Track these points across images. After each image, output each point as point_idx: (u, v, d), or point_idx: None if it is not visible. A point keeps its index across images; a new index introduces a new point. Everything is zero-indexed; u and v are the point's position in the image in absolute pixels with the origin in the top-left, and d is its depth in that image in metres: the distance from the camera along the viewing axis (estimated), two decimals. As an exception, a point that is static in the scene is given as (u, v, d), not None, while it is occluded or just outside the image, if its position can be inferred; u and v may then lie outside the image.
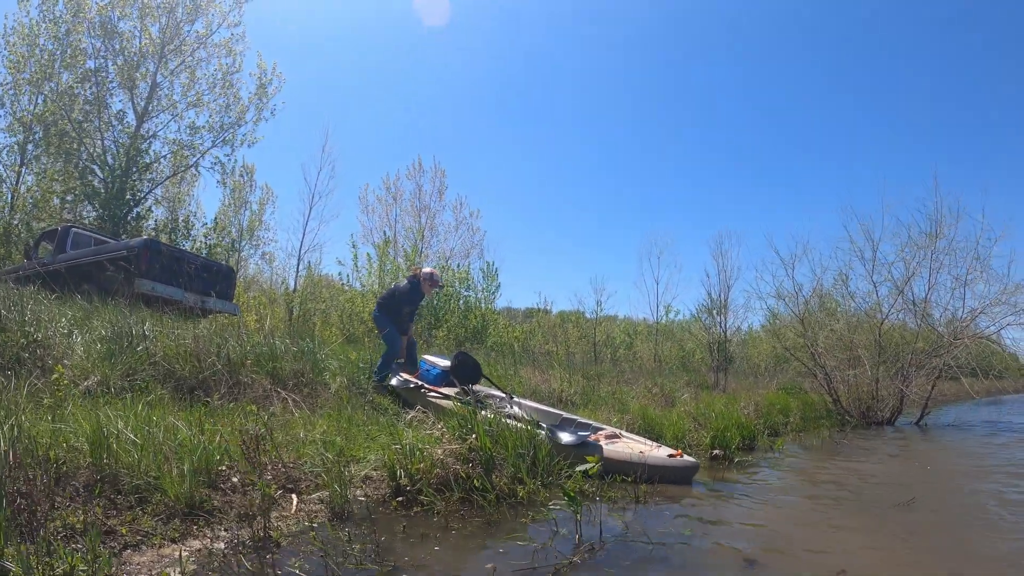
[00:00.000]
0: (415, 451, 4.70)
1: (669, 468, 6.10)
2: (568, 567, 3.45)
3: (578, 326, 27.97)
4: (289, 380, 6.95)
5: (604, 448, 6.20)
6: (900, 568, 3.87)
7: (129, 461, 3.85)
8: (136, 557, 3.10)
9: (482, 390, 8.00)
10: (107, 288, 10.27)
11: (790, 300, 16.36)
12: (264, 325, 12.48)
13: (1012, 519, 5.15)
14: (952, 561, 4.03)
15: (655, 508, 5.09)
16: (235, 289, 13.48)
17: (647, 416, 8.36)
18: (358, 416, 6.24)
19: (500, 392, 7.91)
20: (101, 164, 19.24)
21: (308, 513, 4.00)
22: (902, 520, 5.02)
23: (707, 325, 23.65)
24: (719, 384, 16.63)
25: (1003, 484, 6.80)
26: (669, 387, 12.90)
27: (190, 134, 20.90)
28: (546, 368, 11.92)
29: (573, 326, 28.10)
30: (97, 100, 19.21)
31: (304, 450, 4.87)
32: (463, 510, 4.47)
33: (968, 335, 14.08)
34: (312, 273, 23.62)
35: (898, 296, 15.09)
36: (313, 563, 3.18)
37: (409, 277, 8.68)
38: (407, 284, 8.53)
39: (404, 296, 8.45)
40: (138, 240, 11.38)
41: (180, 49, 20.38)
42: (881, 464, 8.36)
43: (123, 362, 6.15)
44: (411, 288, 8.46)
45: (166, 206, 23.36)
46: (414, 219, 26.06)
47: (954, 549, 4.34)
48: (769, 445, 9.17)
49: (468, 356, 8.22)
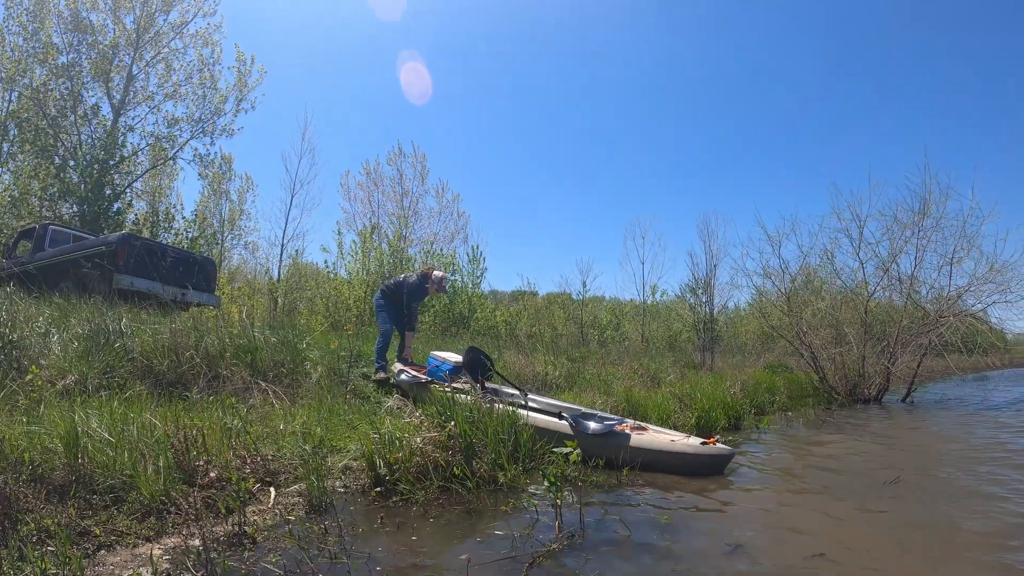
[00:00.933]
0: (394, 440, 4.65)
1: (702, 457, 5.88)
2: (546, 555, 3.42)
3: (564, 308, 27.93)
4: (269, 371, 6.89)
5: (633, 438, 6.01)
6: (883, 548, 3.86)
7: (103, 460, 3.81)
8: (110, 557, 3.06)
9: (494, 387, 7.77)
10: (86, 285, 10.18)
11: (776, 278, 16.36)
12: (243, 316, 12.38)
13: (997, 497, 5.16)
14: (935, 540, 4.03)
15: (638, 493, 5.07)
16: (216, 280, 13.36)
17: (631, 398, 8.32)
18: (339, 406, 6.20)
19: (513, 388, 7.67)
20: (78, 160, 19.03)
21: (286, 506, 3.97)
22: (887, 499, 5.03)
23: (692, 305, 23.68)
24: (706, 363, 16.63)
25: (988, 462, 6.82)
26: (655, 368, 12.88)
27: (168, 126, 20.73)
28: (530, 352, 11.86)
29: (559, 308, 28.05)
30: (72, 95, 19.00)
31: (283, 442, 4.82)
32: (443, 498, 4.44)
33: (954, 313, 14.11)
34: (297, 262, 23.53)
35: (884, 274, 15.12)
36: (289, 557, 3.14)
37: (421, 273, 8.67)
38: (417, 279, 8.54)
39: (410, 290, 8.44)
40: (115, 235, 11.24)
41: (155, 40, 20.18)
42: (867, 442, 8.36)
43: (100, 360, 6.08)
44: (419, 284, 8.47)
45: (146, 200, 23.16)
46: (396, 204, 26.02)
47: (938, 528, 4.33)
48: (755, 424, 9.19)
49: (479, 351, 7.95)
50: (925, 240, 14.54)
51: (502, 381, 8.02)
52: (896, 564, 3.59)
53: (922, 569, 3.52)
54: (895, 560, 3.66)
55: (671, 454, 5.83)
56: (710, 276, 21.92)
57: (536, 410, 6.63)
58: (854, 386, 14.63)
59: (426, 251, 21.99)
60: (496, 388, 7.61)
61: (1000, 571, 3.47)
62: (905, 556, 3.73)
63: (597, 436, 5.92)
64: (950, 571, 3.49)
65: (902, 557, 3.71)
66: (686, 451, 5.84)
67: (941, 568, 3.55)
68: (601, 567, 3.31)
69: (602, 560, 3.43)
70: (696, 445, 5.91)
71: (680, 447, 5.87)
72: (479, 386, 7.26)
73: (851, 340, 14.61)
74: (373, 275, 19.17)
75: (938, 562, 3.64)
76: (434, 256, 21.46)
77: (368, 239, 20.40)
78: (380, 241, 20.83)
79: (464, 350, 7.90)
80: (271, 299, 20.72)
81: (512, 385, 7.76)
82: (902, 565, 3.58)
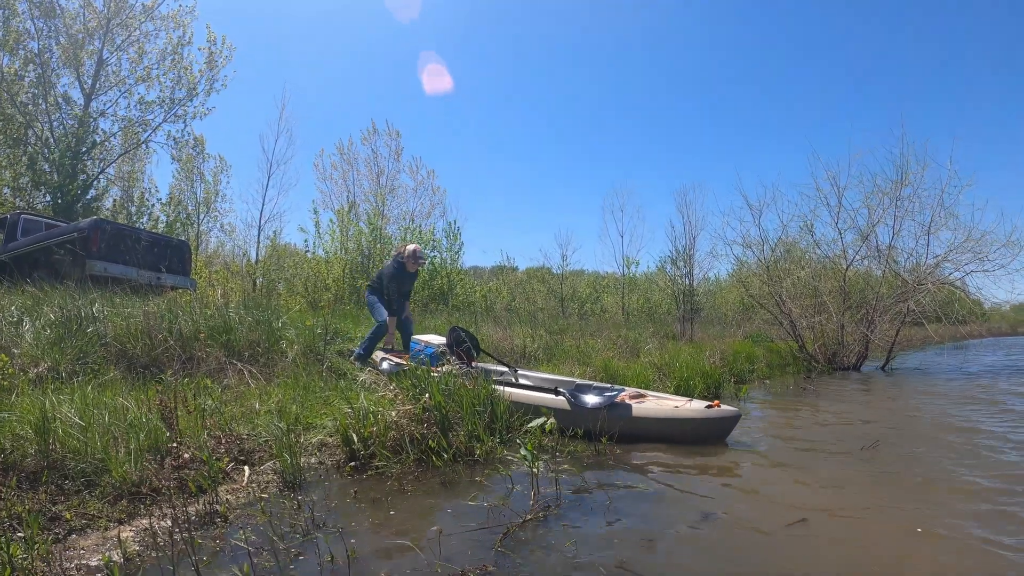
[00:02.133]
0: (368, 414, 4.63)
1: (709, 421, 5.70)
2: (521, 525, 3.42)
3: (544, 282, 27.91)
4: (245, 351, 6.85)
5: (635, 408, 5.81)
6: (861, 511, 3.90)
7: (75, 445, 3.77)
8: (81, 541, 3.04)
9: (482, 366, 7.49)
10: (59, 272, 10.08)
11: (756, 248, 16.46)
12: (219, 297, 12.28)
13: (971, 460, 5.23)
14: (912, 503, 4.07)
15: (616, 462, 5.08)
16: (191, 263, 13.25)
17: (610, 368, 8.35)
18: (315, 383, 6.17)
19: (503, 366, 7.62)
20: (50, 147, 18.74)
21: (260, 484, 3.95)
22: (866, 464, 5.08)
23: (672, 276, 23.77)
24: (685, 334, 16.72)
25: (962, 426, 6.93)
26: (634, 338, 12.93)
27: (141, 110, 20.43)
28: (508, 325, 11.86)
29: (539, 282, 28.01)
30: (42, 82, 18.64)
31: (258, 421, 4.80)
32: (418, 472, 4.44)
33: (932, 281, 14.26)
34: (275, 242, 23.35)
35: (863, 243, 15.23)
36: (260, 534, 3.13)
37: (394, 256, 8.49)
38: (392, 264, 8.34)
39: (390, 276, 8.20)
40: (87, 221, 11.10)
41: (126, 23, 19.80)
42: (846, 409, 8.46)
43: (73, 346, 6.01)
44: (396, 267, 8.25)
45: (120, 186, 22.86)
46: (373, 183, 25.88)
47: (915, 491, 4.38)
48: (735, 393, 9.25)
49: (463, 331, 7.75)
50: (903, 210, 14.65)
51: (489, 359, 7.90)
52: (877, 528, 3.64)
53: (901, 532, 3.55)
54: (876, 524, 3.71)
55: (676, 421, 5.67)
56: (689, 247, 21.99)
57: (528, 387, 6.50)
58: (833, 354, 14.82)
59: (404, 228, 21.85)
60: (484, 367, 7.40)
61: (977, 530, 3.52)
62: (886, 520, 3.77)
63: (598, 410, 5.71)
64: (928, 533, 3.52)
65: (881, 520, 3.75)
66: (692, 416, 5.68)
67: (919, 529, 3.59)
68: (575, 536, 3.31)
69: (577, 529, 3.44)
70: (701, 409, 5.76)
71: (685, 413, 5.72)
72: (466, 366, 6.90)
73: (830, 309, 14.75)
74: (352, 253, 19.04)
75: (916, 524, 3.67)
76: (412, 232, 21.29)
77: (346, 217, 20.22)
78: (358, 219, 20.67)
79: (448, 330, 7.74)
80: (250, 281, 20.55)
81: (500, 362, 7.67)
82: (882, 528, 3.62)
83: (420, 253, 8.38)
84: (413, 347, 7.83)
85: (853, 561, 3.13)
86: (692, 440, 5.63)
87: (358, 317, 11.30)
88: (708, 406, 5.78)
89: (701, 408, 5.76)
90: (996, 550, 3.23)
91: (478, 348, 7.70)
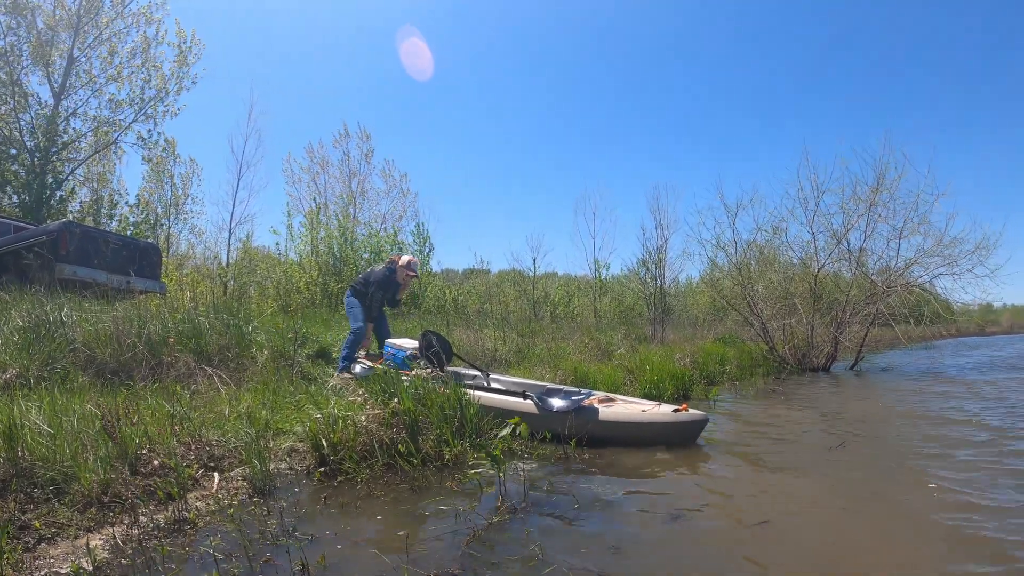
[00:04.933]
0: (338, 420, 4.66)
1: (676, 425, 5.73)
2: (487, 528, 3.49)
3: (516, 285, 27.89)
4: (215, 356, 6.84)
5: (602, 411, 5.84)
6: (825, 512, 4.01)
7: (44, 453, 3.77)
8: (51, 550, 3.05)
9: (454, 370, 7.52)
10: (28, 276, 9.97)
11: (729, 249, 16.62)
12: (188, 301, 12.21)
13: (936, 460, 5.35)
14: (876, 503, 4.18)
15: (584, 465, 5.14)
16: (162, 267, 13.16)
17: (580, 371, 8.42)
18: (285, 387, 6.18)
19: (475, 370, 7.57)
20: (19, 147, 18.51)
21: (230, 491, 3.97)
22: (832, 464, 5.21)
23: (644, 279, 23.94)
24: (657, 336, 16.85)
25: (928, 426, 7.09)
26: (606, 341, 13.03)
27: (111, 110, 20.22)
28: (480, 328, 11.90)
29: (511, 285, 27.94)
30: (10, 80, 18.40)
31: (228, 426, 4.81)
32: (388, 476, 4.47)
33: (901, 284, 14.52)
34: (247, 245, 23.18)
35: (836, 245, 15.43)
36: (230, 541, 3.16)
37: (386, 263, 8.34)
38: (383, 270, 8.17)
39: (377, 282, 8.04)
40: (55, 224, 11.00)
41: (97, 21, 19.59)
42: (814, 410, 8.60)
43: (41, 351, 5.98)
44: (386, 275, 8.10)
45: (89, 187, 22.61)
46: (344, 186, 25.86)
47: (880, 491, 4.47)
48: (704, 395, 9.35)
49: (436, 335, 7.61)
50: (876, 214, 14.87)
51: (462, 363, 7.87)
52: (839, 527, 3.75)
53: (865, 531, 3.65)
54: (839, 523, 3.82)
55: (643, 425, 5.70)
56: (661, 250, 22.16)
57: (498, 391, 6.52)
58: (803, 355, 15.02)
59: (371, 232, 21.77)
60: (456, 371, 7.42)
61: (940, 532, 3.63)
62: (848, 519, 3.88)
63: (564, 414, 5.74)
64: (892, 532, 3.63)
65: (845, 521, 3.86)
66: (658, 420, 5.71)
67: (883, 529, 3.70)
68: (542, 538, 3.38)
69: (544, 532, 3.50)
70: (668, 413, 5.80)
71: (652, 416, 5.75)
72: (438, 370, 6.89)
73: (801, 311, 14.95)
74: (323, 255, 18.93)
75: (880, 524, 3.78)
76: (376, 236, 21.20)
77: (315, 220, 20.14)
78: (328, 221, 20.55)
79: (420, 335, 7.63)
80: (221, 284, 20.39)
81: (473, 366, 7.65)
82: (845, 528, 3.73)
83: (413, 265, 8.28)
84: (387, 351, 7.75)
85: (817, 559, 3.23)
86: (659, 444, 5.68)
87: (329, 321, 11.28)
88: (676, 410, 5.84)
89: (669, 412, 5.81)
90: (960, 545, 3.36)
91: (451, 353, 7.63)
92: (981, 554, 3.21)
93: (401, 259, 8.21)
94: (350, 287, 8.42)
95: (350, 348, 7.81)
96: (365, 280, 8.21)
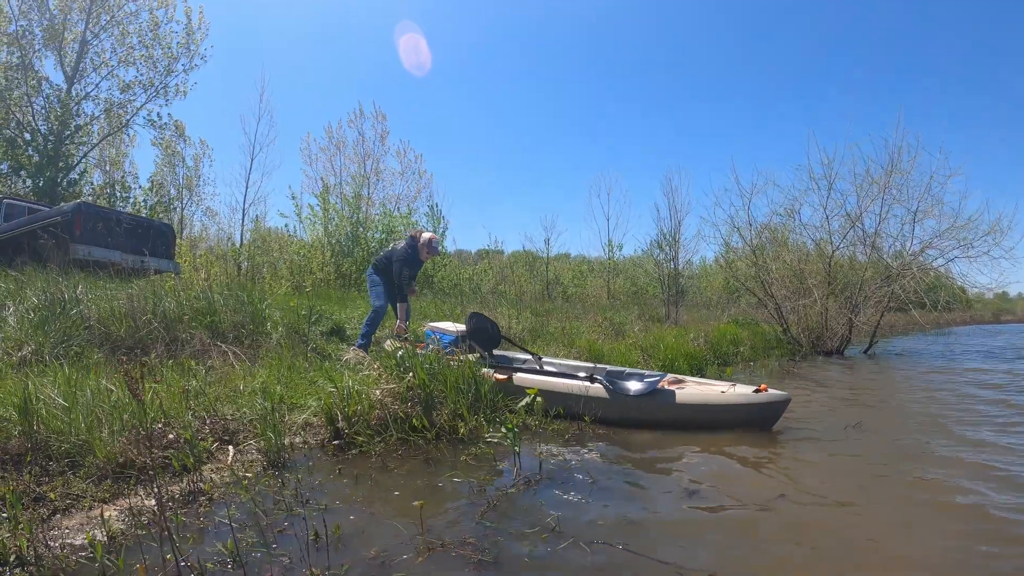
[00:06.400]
0: (352, 393, 4.65)
1: (759, 406, 5.49)
2: (503, 498, 3.48)
3: (529, 266, 27.80)
4: (229, 333, 6.84)
5: (679, 394, 5.57)
6: (843, 488, 3.98)
7: (59, 426, 3.78)
8: (66, 521, 3.05)
9: (502, 354, 7.31)
10: (43, 257, 10.01)
11: (744, 230, 16.50)
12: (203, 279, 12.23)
13: (951, 442, 5.31)
14: (892, 482, 4.14)
15: (598, 441, 5.12)
16: (175, 247, 13.17)
17: (595, 349, 8.39)
18: (299, 364, 6.18)
19: (526, 354, 7.30)
20: (32, 131, 18.56)
21: (244, 463, 3.96)
22: (847, 443, 5.16)
23: (659, 260, 23.82)
24: (671, 317, 16.80)
25: (943, 409, 7.01)
26: (619, 320, 12.99)
27: (122, 91, 20.23)
28: (494, 306, 11.87)
29: (524, 266, 27.89)
30: (23, 65, 18.43)
31: (242, 401, 4.81)
32: (402, 450, 4.47)
33: (916, 266, 14.37)
34: (259, 226, 23.18)
35: (850, 228, 15.28)
36: (244, 511, 3.16)
37: (408, 239, 8.04)
38: (405, 246, 7.90)
39: (401, 259, 7.75)
40: (70, 204, 11.02)
41: (108, 3, 19.56)
42: (830, 391, 8.54)
43: (56, 329, 5.98)
44: (408, 251, 7.83)
45: (102, 169, 22.68)
46: (358, 166, 25.81)
47: (895, 470, 4.44)
48: (718, 375, 9.30)
49: (484, 318, 7.23)
50: (891, 197, 14.71)
51: (512, 347, 7.64)
52: (854, 502, 3.71)
53: (879, 507, 3.63)
54: (853, 498, 3.78)
55: (725, 407, 5.47)
56: (675, 231, 22.04)
57: (556, 374, 6.30)
58: (817, 338, 14.92)
59: (386, 211, 21.68)
60: (505, 355, 7.24)
61: (953, 510, 3.60)
62: (863, 495, 3.85)
63: (640, 397, 5.51)
64: (905, 509, 3.61)
65: (860, 496, 3.83)
66: (741, 402, 5.47)
67: (896, 505, 3.67)
68: (557, 510, 3.36)
69: (559, 505, 3.48)
70: (748, 394, 5.54)
71: (733, 398, 5.50)
72: (486, 355, 6.70)
73: (815, 293, 14.84)
74: (333, 236, 18.87)
75: (893, 500, 3.76)
76: (390, 216, 21.08)
77: (325, 200, 20.08)
78: (341, 204, 20.43)
79: (467, 318, 7.23)
80: (234, 265, 20.40)
81: (523, 350, 7.42)
82: (860, 503, 3.70)
83: (436, 244, 8.00)
84: (428, 336, 7.40)
85: (833, 537, 3.19)
86: (740, 427, 5.45)
87: (343, 299, 11.29)
88: (756, 390, 5.57)
89: (749, 393, 5.55)
90: (976, 523, 3.34)
91: (499, 336, 7.30)
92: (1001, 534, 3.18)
93: (422, 237, 7.94)
94: (372, 264, 8.23)
95: (370, 326, 7.73)
96: (388, 257, 7.98)
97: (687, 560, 2.78)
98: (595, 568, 2.72)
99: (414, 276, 8.11)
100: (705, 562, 2.78)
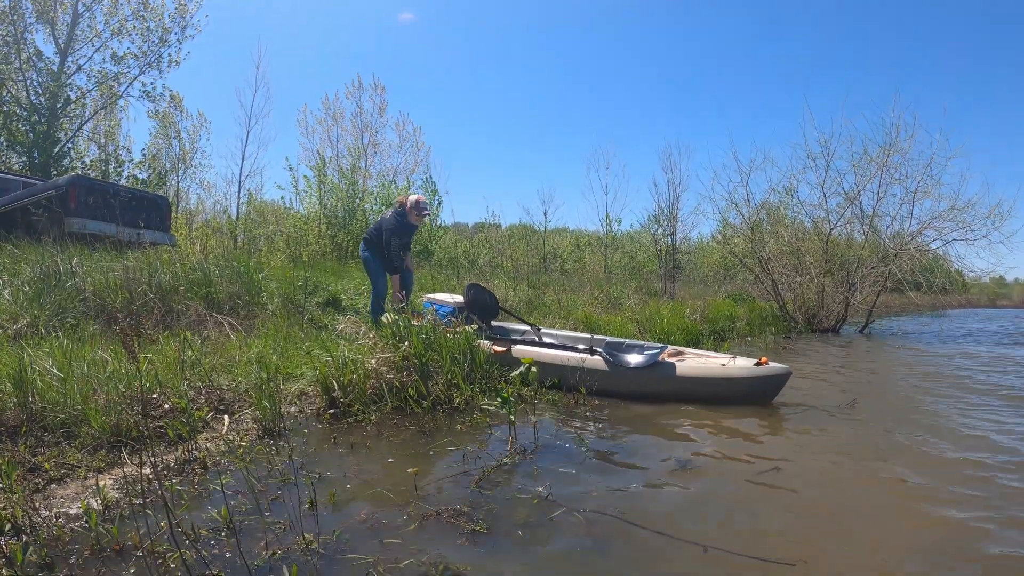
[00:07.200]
0: (348, 362, 4.65)
1: (760, 380, 5.48)
2: (497, 469, 3.49)
3: (527, 240, 27.62)
4: (225, 304, 6.84)
5: (679, 367, 5.54)
6: (836, 462, 4.00)
7: (54, 397, 3.77)
8: (60, 490, 3.05)
9: (500, 325, 7.30)
10: (37, 231, 9.96)
11: (742, 206, 16.46)
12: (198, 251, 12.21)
13: (944, 418, 5.35)
14: (884, 457, 4.15)
15: (593, 412, 5.14)
16: (171, 219, 13.12)
17: (591, 321, 8.39)
18: (295, 334, 6.18)
19: (524, 325, 7.26)
20: (27, 106, 18.41)
21: (239, 432, 3.97)
22: (842, 419, 5.18)
23: (656, 235, 23.78)
24: (667, 292, 16.82)
25: (937, 386, 7.06)
26: (616, 294, 13.01)
27: (115, 63, 20.02)
28: (491, 278, 11.86)
29: (521, 239, 27.61)
30: (15, 39, 18.23)
31: (238, 371, 4.82)
32: (397, 419, 4.48)
33: (914, 247, 14.36)
34: (255, 199, 23.03)
35: (848, 207, 15.24)
36: (239, 479, 3.16)
37: (395, 207, 7.80)
38: (393, 215, 7.66)
39: (391, 229, 7.49)
40: (65, 178, 10.96)
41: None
42: (825, 368, 8.56)
43: (52, 301, 5.97)
44: (397, 219, 7.56)
45: (96, 143, 22.49)
46: (356, 138, 25.64)
47: (887, 446, 4.46)
48: (714, 349, 9.31)
49: (482, 289, 7.21)
50: (889, 176, 14.66)
51: (510, 318, 7.60)
52: (846, 476, 3.75)
53: (872, 480, 3.68)
54: (846, 471, 3.82)
55: (725, 380, 5.44)
56: (673, 206, 21.99)
57: (555, 346, 6.29)
58: (813, 316, 14.97)
59: (384, 184, 21.55)
60: (503, 326, 7.21)
61: (946, 483, 3.61)
62: (856, 468, 3.89)
63: (641, 370, 5.49)
64: (897, 482, 3.64)
65: (853, 469, 3.87)
66: (742, 375, 5.44)
67: (888, 478, 3.70)
68: (550, 479, 3.38)
69: (553, 474, 3.50)
70: (749, 367, 5.51)
71: (734, 371, 5.47)
72: (484, 326, 6.54)
73: (812, 271, 14.85)
74: (330, 208, 18.76)
75: (885, 474, 3.79)
76: (388, 188, 20.92)
77: (321, 172, 19.88)
78: (337, 177, 20.22)
79: (464, 289, 7.22)
80: (230, 237, 20.29)
81: (522, 321, 7.37)
82: (852, 477, 3.74)
83: (423, 204, 7.71)
84: (427, 308, 7.24)
85: (824, 508, 3.23)
86: (741, 400, 5.44)
87: (340, 271, 11.27)
88: (756, 363, 5.55)
89: (750, 366, 5.53)
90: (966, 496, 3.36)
91: (496, 307, 7.29)
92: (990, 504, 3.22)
93: (408, 200, 7.66)
94: (363, 239, 7.98)
95: (375, 311, 7.59)
96: (378, 228, 7.73)
97: (680, 530, 2.79)
98: (589, 537, 2.73)
99: (407, 244, 7.81)
100: (698, 532, 2.79)
